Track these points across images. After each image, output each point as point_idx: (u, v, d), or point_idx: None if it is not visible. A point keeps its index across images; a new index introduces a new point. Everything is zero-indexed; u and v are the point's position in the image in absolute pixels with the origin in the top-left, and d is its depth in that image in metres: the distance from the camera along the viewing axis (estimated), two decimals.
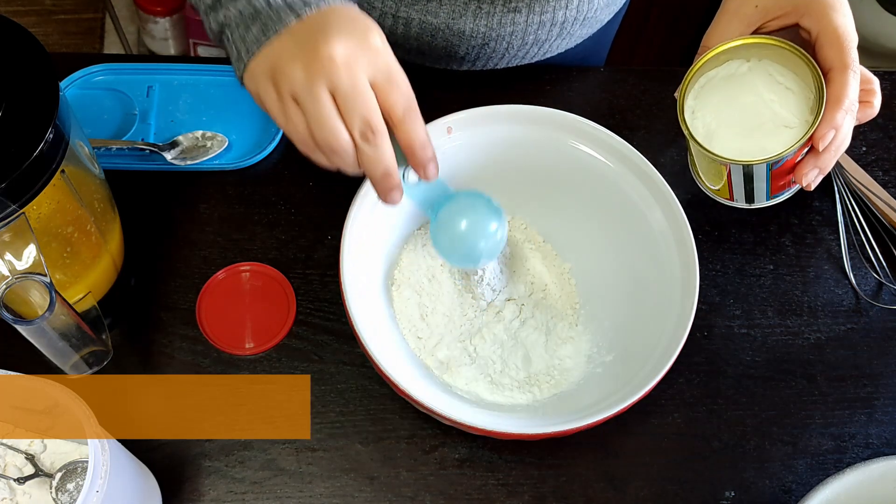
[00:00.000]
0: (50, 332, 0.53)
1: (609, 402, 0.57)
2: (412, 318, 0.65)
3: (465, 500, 0.62)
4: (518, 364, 0.64)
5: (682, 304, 0.60)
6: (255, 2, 0.53)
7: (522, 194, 0.68)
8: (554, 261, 0.69)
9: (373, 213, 0.62)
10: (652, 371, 0.58)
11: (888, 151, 0.78)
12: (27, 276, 0.50)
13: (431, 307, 0.65)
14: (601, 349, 0.65)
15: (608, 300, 0.66)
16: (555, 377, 0.64)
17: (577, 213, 0.68)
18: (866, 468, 0.55)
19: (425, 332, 0.65)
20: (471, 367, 0.64)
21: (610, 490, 0.63)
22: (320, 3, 0.52)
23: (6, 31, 0.52)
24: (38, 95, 0.50)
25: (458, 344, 0.65)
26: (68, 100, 0.56)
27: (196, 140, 0.74)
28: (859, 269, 0.72)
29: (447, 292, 0.66)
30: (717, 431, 0.65)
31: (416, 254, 0.66)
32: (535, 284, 0.68)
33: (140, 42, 1.74)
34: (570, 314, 0.67)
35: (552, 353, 0.65)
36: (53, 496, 0.56)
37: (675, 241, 0.62)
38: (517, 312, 0.66)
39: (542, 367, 0.64)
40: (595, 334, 0.66)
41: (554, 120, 0.65)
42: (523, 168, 0.67)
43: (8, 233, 0.50)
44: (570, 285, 0.68)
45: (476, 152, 0.66)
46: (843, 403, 0.67)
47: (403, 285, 0.65)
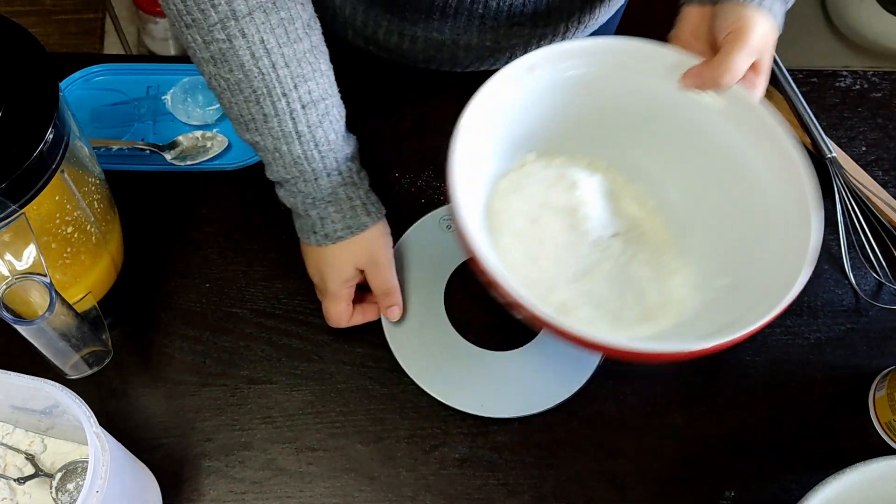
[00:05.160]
0: (50, 332, 0.53)
1: (740, 323, 0.55)
2: (517, 265, 0.63)
3: (465, 499, 0.62)
4: (633, 299, 0.63)
5: (797, 222, 0.58)
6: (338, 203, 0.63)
7: (601, 134, 0.67)
8: (641, 198, 0.68)
9: (462, 169, 0.58)
10: (784, 284, 0.56)
11: (888, 151, 0.78)
12: (27, 276, 0.50)
13: (538, 252, 0.63)
14: (710, 276, 0.63)
15: (705, 228, 0.65)
16: (671, 307, 0.63)
17: (659, 148, 0.67)
18: (866, 468, 0.55)
19: (535, 278, 0.63)
20: (588, 307, 0.62)
21: (610, 490, 0.63)
22: (365, 224, 0.64)
23: (6, 31, 0.52)
24: (38, 95, 0.50)
25: (571, 286, 0.63)
26: (68, 100, 0.56)
27: (196, 140, 0.74)
28: (859, 269, 0.72)
29: (551, 234, 0.63)
30: (717, 431, 0.65)
31: (509, 200, 0.64)
32: (633, 220, 0.67)
33: (140, 42, 1.74)
34: (669, 248, 0.66)
35: (663, 284, 0.64)
36: (53, 496, 0.56)
37: (778, 162, 0.60)
38: (623, 247, 0.65)
39: (656, 298, 0.63)
40: (699, 263, 0.65)
41: (640, 53, 0.63)
42: (601, 108, 0.65)
43: (8, 233, 0.50)
44: (661, 219, 0.67)
45: (553, 94, 0.64)
46: (843, 403, 0.67)
47: (504, 233, 0.63)
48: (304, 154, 0.60)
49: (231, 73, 0.58)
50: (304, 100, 0.59)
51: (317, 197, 0.62)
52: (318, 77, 0.60)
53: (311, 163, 0.61)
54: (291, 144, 0.60)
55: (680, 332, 0.61)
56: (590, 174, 0.66)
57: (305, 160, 0.61)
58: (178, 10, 0.57)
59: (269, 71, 0.57)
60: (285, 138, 0.60)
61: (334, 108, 0.61)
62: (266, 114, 0.59)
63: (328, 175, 0.62)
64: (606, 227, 0.65)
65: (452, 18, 0.72)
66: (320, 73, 0.60)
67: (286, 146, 0.60)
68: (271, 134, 0.60)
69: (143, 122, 0.75)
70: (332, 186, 0.62)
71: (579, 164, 0.67)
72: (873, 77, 0.82)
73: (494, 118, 0.61)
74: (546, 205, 0.64)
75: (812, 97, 0.78)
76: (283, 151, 0.60)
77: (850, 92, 0.81)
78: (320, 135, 0.60)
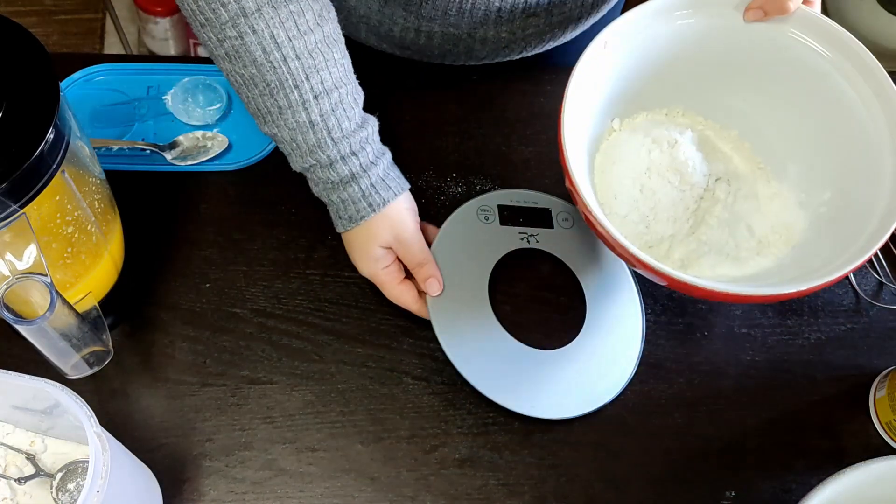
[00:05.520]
0: (50, 332, 0.53)
1: (857, 245, 0.57)
2: (638, 231, 0.65)
3: (465, 500, 0.62)
4: (745, 235, 0.65)
5: (890, 131, 0.60)
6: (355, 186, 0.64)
7: (672, 84, 0.69)
8: (722, 133, 0.70)
9: (572, 155, 0.60)
10: (892, 196, 0.58)
11: None
12: (28, 276, 0.50)
13: (653, 215, 0.66)
14: (811, 193, 0.65)
15: (793, 149, 0.67)
16: (781, 233, 0.65)
17: (730, 83, 0.68)
18: (866, 468, 0.55)
19: (655, 240, 0.65)
20: (709, 254, 0.65)
21: (610, 490, 0.63)
22: (385, 200, 0.65)
23: (6, 31, 0.52)
24: (38, 95, 0.50)
25: (690, 238, 0.65)
26: (68, 100, 0.56)
27: (196, 140, 0.74)
28: (860, 269, 0.72)
29: (664, 194, 0.66)
30: (718, 431, 0.65)
31: (610, 174, 0.66)
32: (725, 158, 0.69)
33: (140, 42, 1.74)
34: (761, 175, 0.68)
35: (767, 214, 0.66)
36: (54, 496, 0.56)
37: (858, 73, 0.62)
38: (727, 188, 0.67)
39: (766, 228, 0.65)
40: (795, 182, 0.67)
41: (697, 3, 0.65)
42: (670, 59, 0.67)
43: (8, 233, 0.50)
44: (747, 148, 0.69)
45: (626, 62, 0.65)
46: (843, 403, 0.67)
47: (615, 206, 0.66)
48: (318, 142, 0.62)
49: (245, 69, 0.60)
50: (316, 90, 0.60)
51: (335, 181, 0.64)
52: (330, 66, 0.61)
53: (325, 150, 0.62)
54: (306, 134, 0.61)
55: (799, 255, 0.63)
56: (682, 130, 0.68)
57: (319, 148, 0.62)
58: (192, 10, 0.58)
59: (280, 64, 0.59)
60: (300, 128, 0.61)
61: (348, 96, 0.63)
62: (280, 106, 0.61)
63: (343, 159, 0.63)
64: (709, 174, 0.67)
65: (469, 13, 0.72)
66: (333, 63, 0.61)
67: (301, 136, 0.62)
68: (287, 125, 0.61)
69: (143, 122, 0.75)
70: (350, 169, 0.63)
71: (658, 118, 0.70)
72: None
73: (582, 103, 0.63)
74: (651, 170, 0.66)
75: None
76: (300, 142, 0.62)
77: None
78: (333, 123, 0.62)
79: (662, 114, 0.70)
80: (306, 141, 0.62)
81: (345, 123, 0.62)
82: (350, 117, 0.63)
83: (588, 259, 0.70)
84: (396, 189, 0.65)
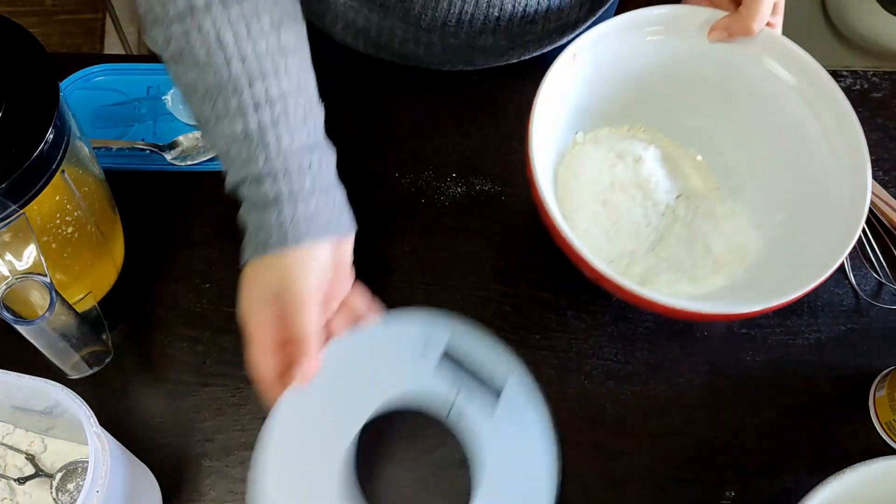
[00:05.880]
0: (50, 332, 0.53)
1: (813, 266, 0.58)
2: (598, 246, 0.65)
3: (466, 500, 0.62)
4: (702, 254, 0.66)
5: (847, 151, 0.61)
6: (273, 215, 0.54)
7: (634, 101, 0.69)
8: (681, 151, 0.71)
9: (540, 166, 0.60)
10: (850, 216, 0.59)
11: (888, 151, 0.78)
12: (27, 276, 0.50)
13: (615, 230, 0.66)
14: (765, 214, 0.66)
15: (749, 169, 0.68)
16: (736, 252, 0.66)
17: (691, 102, 0.69)
18: (866, 468, 0.55)
19: (615, 255, 0.66)
20: (668, 271, 0.65)
21: (610, 490, 0.63)
22: (298, 239, 0.54)
23: (6, 31, 0.52)
24: (38, 95, 0.50)
25: (650, 255, 0.66)
26: (68, 100, 0.56)
27: (196, 140, 0.74)
28: (859, 269, 0.72)
29: (626, 211, 0.66)
30: (717, 431, 0.65)
31: (572, 187, 0.67)
32: (686, 177, 0.69)
33: (140, 42, 1.73)
34: (717, 193, 0.69)
35: (722, 233, 0.67)
36: (54, 496, 0.56)
37: (815, 94, 0.63)
38: (687, 206, 0.67)
39: (721, 248, 0.66)
40: (750, 203, 0.67)
41: (670, 16, 0.65)
42: (635, 76, 0.68)
43: (8, 233, 0.50)
44: (705, 168, 0.70)
45: (592, 77, 0.66)
46: (843, 403, 0.67)
47: (577, 219, 0.66)
48: (251, 155, 0.54)
49: (189, 72, 0.54)
50: (257, 98, 0.53)
51: (258, 201, 0.54)
52: (280, 76, 0.54)
53: (256, 163, 0.54)
54: (240, 145, 0.54)
55: (753, 275, 0.64)
56: (645, 146, 0.68)
57: (251, 161, 0.54)
58: (144, 7, 0.54)
59: (222, 66, 0.53)
60: (234, 139, 0.54)
61: (297, 111, 0.55)
62: (218, 114, 0.54)
63: (272, 177, 0.54)
64: (672, 191, 0.68)
65: (468, 24, 0.72)
66: (285, 72, 0.54)
67: (235, 148, 0.54)
68: (223, 135, 0.54)
69: (143, 122, 0.75)
70: (277, 190, 0.54)
71: (621, 133, 0.71)
72: (873, 77, 0.82)
73: (550, 115, 0.63)
74: (614, 185, 0.66)
75: None
76: (234, 155, 0.54)
77: (851, 92, 0.81)
78: (271, 136, 0.53)
79: (624, 129, 0.71)
80: (240, 153, 0.54)
81: (285, 140, 0.54)
82: (294, 134, 0.54)
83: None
84: (312, 235, 0.54)
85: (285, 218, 0.53)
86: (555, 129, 0.64)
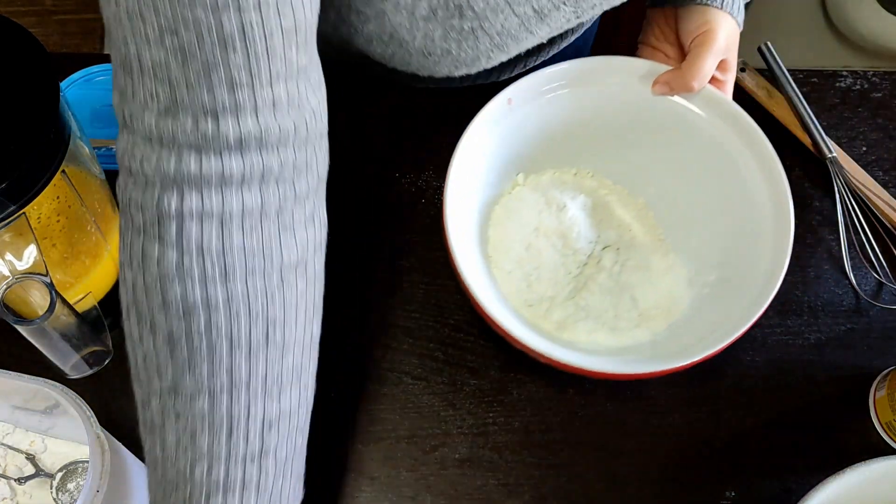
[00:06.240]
0: (50, 332, 0.53)
1: (727, 325, 0.59)
2: (519, 289, 0.66)
3: (465, 500, 0.62)
4: (628, 305, 0.65)
5: (774, 214, 0.62)
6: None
7: (584, 145, 0.70)
8: (628, 199, 0.70)
9: (456, 202, 0.62)
10: (768, 279, 0.60)
11: (888, 151, 0.78)
12: (28, 276, 0.50)
13: (536, 275, 0.66)
14: (700, 272, 0.66)
15: (692, 224, 0.68)
16: (665, 308, 0.65)
17: (641, 151, 0.69)
18: (866, 468, 0.55)
19: (535, 299, 0.66)
20: (587, 320, 0.65)
21: (610, 490, 0.63)
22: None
23: (6, 31, 0.52)
24: (38, 95, 0.50)
25: (569, 302, 0.66)
26: (68, 100, 0.56)
27: None
28: (859, 269, 0.72)
29: (547, 256, 0.67)
30: (717, 431, 0.65)
31: (504, 228, 0.67)
32: (622, 227, 0.69)
33: None
34: (659, 246, 0.68)
35: (656, 287, 0.66)
36: (54, 496, 0.56)
37: (752, 157, 0.64)
38: (615, 258, 0.67)
39: (650, 302, 0.66)
40: (689, 259, 0.67)
41: (612, 68, 0.67)
42: (582, 121, 0.68)
43: (8, 233, 0.50)
44: (650, 218, 0.70)
45: (536, 119, 0.67)
46: (843, 403, 0.67)
47: (502, 261, 0.66)
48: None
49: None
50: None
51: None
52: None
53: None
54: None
55: (673, 332, 0.64)
56: (574, 195, 0.69)
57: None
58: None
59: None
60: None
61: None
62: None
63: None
64: (596, 242, 0.68)
65: (473, 79, 0.72)
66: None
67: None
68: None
69: None
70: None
71: (566, 177, 0.71)
72: (873, 77, 0.82)
73: (482, 152, 0.65)
74: (539, 231, 0.67)
75: (812, 97, 0.78)
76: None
77: (851, 92, 0.81)
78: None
79: (571, 173, 0.71)
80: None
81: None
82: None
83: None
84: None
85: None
86: (491, 170, 0.66)
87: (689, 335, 0.61)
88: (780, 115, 0.77)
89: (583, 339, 0.64)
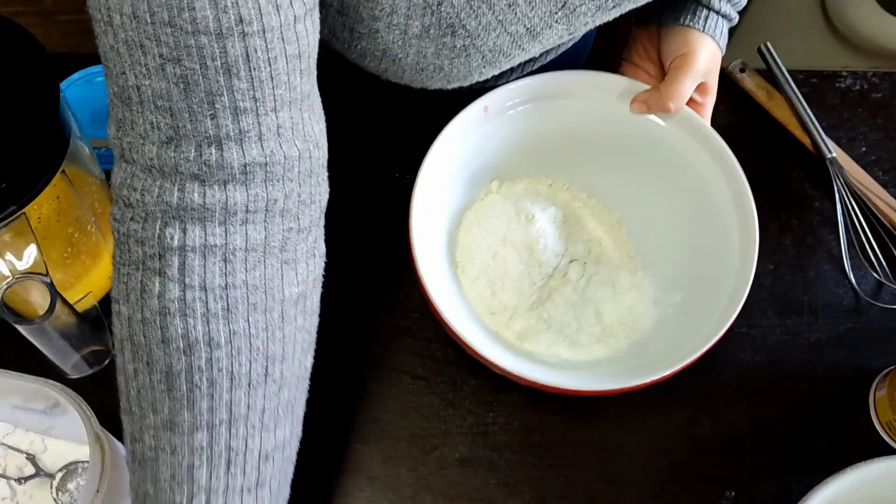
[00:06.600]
0: (50, 331, 0.53)
1: (689, 346, 0.59)
2: (483, 296, 0.66)
3: (465, 500, 0.62)
4: (591, 320, 0.65)
5: (741, 237, 0.62)
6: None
7: (560, 157, 0.70)
8: (601, 214, 0.70)
9: (425, 204, 0.63)
10: (729, 302, 0.60)
11: (888, 151, 0.78)
12: (28, 276, 0.50)
13: (500, 283, 0.66)
14: (666, 291, 0.66)
15: (662, 243, 0.68)
16: (628, 325, 0.65)
17: (617, 167, 0.69)
18: (866, 468, 0.55)
19: (498, 308, 0.66)
20: (548, 332, 0.65)
21: (610, 490, 0.63)
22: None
23: (6, 31, 0.52)
24: (38, 95, 0.50)
25: (532, 313, 0.66)
26: (68, 100, 0.56)
27: None
28: (859, 269, 0.72)
29: (513, 266, 0.67)
30: (718, 431, 0.65)
31: (473, 234, 0.67)
32: (592, 241, 0.69)
33: None
34: (628, 263, 0.68)
35: (620, 303, 0.66)
36: (54, 496, 0.56)
37: (724, 180, 0.64)
38: (581, 272, 0.67)
39: (614, 318, 0.66)
40: (657, 277, 0.67)
41: (591, 83, 0.67)
42: (560, 134, 0.69)
43: (8, 233, 0.50)
44: (622, 234, 0.70)
45: (512, 129, 0.68)
46: (843, 403, 0.67)
47: (468, 267, 0.66)
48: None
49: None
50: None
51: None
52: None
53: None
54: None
55: (635, 350, 0.64)
56: (545, 206, 0.69)
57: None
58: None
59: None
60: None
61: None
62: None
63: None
64: (563, 255, 0.68)
65: (467, 89, 0.71)
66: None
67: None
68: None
69: None
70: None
71: (540, 188, 0.71)
72: (873, 78, 0.82)
73: (457, 156, 0.65)
74: (506, 240, 0.67)
75: (812, 98, 0.78)
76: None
77: (850, 92, 0.81)
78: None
79: (546, 184, 0.71)
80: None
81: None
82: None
83: None
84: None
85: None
86: (464, 175, 0.66)
87: (650, 354, 0.62)
88: (779, 116, 0.77)
89: (543, 350, 0.64)
